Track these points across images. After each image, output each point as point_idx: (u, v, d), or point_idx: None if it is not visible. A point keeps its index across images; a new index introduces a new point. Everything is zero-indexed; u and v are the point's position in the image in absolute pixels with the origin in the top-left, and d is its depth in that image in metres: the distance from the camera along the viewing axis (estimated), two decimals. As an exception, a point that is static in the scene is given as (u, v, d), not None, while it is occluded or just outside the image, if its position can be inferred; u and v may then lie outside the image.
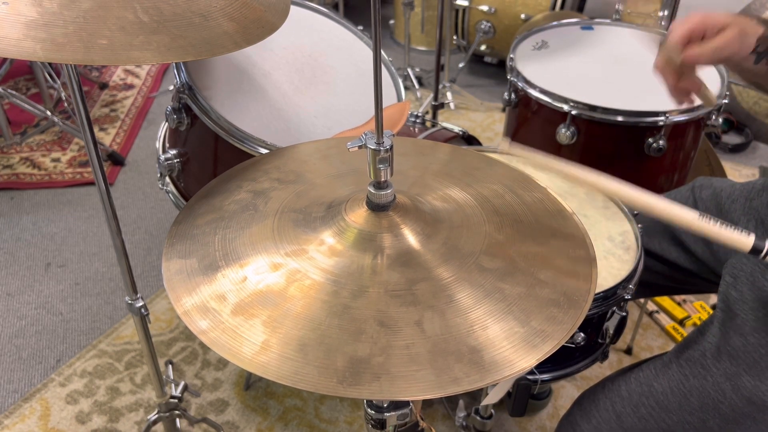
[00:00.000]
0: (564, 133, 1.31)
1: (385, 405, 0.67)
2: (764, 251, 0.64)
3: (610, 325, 1.00)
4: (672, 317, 1.64)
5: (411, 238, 0.65)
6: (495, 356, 0.54)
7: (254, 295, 0.60)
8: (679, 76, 0.88)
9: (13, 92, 2.10)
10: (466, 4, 2.60)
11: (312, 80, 1.17)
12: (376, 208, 0.66)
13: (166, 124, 1.19)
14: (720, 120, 1.35)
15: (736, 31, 0.84)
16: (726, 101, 1.33)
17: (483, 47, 2.73)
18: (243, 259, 0.64)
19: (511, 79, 1.42)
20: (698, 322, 1.63)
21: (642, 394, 0.87)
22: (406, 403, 0.68)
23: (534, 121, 1.42)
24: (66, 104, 2.40)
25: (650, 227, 1.09)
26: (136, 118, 2.48)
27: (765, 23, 0.87)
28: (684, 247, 1.05)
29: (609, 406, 0.90)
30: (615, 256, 0.99)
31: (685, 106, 0.92)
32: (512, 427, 1.38)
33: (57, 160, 2.23)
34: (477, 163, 0.82)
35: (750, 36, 0.85)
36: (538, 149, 1.23)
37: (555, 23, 1.61)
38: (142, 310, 1.05)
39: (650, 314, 1.65)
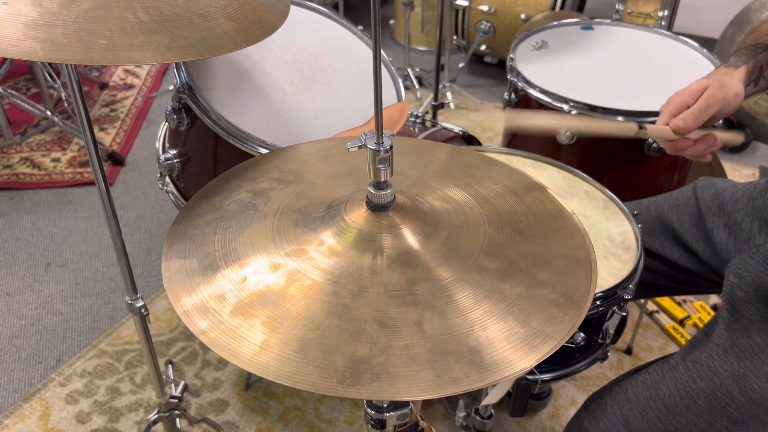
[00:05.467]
0: (564, 134, 1.31)
1: (385, 405, 0.67)
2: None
3: (610, 325, 1.00)
4: (672, 317, 1.64)
5: (411, 238, 0.65)
6: (495, 356, 0.54)
7: (254, 296, 0.60)
8: (686, 144, 0.95)
9: (13, 92, 2.10)
10: (466, 4, 2.60)
11: (312, 80, 1.17)
12: (376, 208, 0.66)
13: (166, 124, 1.19)
14: (720, 120, 1.35)
15: (715, 87, 0.92)
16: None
17: (483, 47, 2.73)
18: (243, 259, 0.64)
19: (511, 79, 1.42)
20: (698, 322, 1.63)
21: (649, 397, 0.87)
22: (406, 403, 0.68)
23: (534, 121, 1.42)
24: (66, 104, 2.40)
25: (651, 227, 1.09)
26: (136, 118, 2.48)
27: (740, 58, 0.93)
28: (685, 246, 1.05)
29: (617, 409, 0.90)
30: (615, 256, 0.99)
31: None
32: (512, 427, 1.38)
33: (57, 160, 2.23)
34: (477, 163, 0.82)
35: (732, 83, 0.90)
36: (538, 150, 1.24)
37: (555, 23, 1.61)
38: (142, 310, 1.05)
39: (650, 314, 1.65)
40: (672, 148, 0.97)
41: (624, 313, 0.97)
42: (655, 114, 1.25)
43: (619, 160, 1.36)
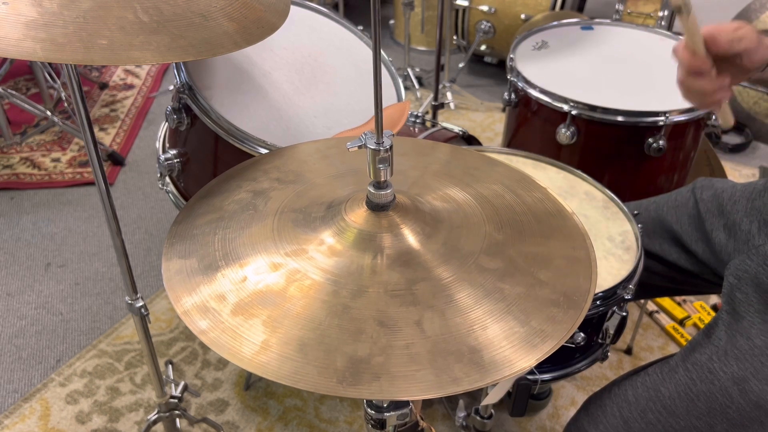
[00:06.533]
0: (564, 133, 1.32)
1: (385, 405, 0.67)
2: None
3: (610, 325, 1.00)
4: (672, 317, 1.64)
5: (411, 238, 0.65)
6: (495, 356, 0.54)
7: (254, 295, 0.60)
8: (698, 65, 0.84)
9: (13, 92, 2.10)
10: (466, 4, 2.60)
11: (312, 80, 1.17)
12: (376, 208, 0.66)
13: (166, 124, 1.19)
14: (720, 120, 1.35)
15: (752, 28, 0.84)
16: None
17: (483, 47, 2.73)
18: (243, 259, 0.64)
19: (511, 79, 1.42)
20: (698, 322, 1.63)
21: (649, 399, 0.86)
22: (406, 403, 0.68)
23: (534, 121, 1.42)
24: (66, 104, 2.40)
25: (650, 228, 1.09)
26: (136, 118, 2.48)
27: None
28: (684, 247, 1.04)
29: (616, 411, 0.89)
30: (615, 256, 0.99)
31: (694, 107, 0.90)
32: (512, 427, 1.38)
33: (57, 160, 2.23)
34: (477, 163, 0.82)
35: (764, 38, 0.85)
36: (538, 150, 1.24)
37: (555, 23, 1.61)
38: (142, 310, 1.05)
39: (650, 314, 1.65)
40: (689, 67, 0.85)
41: (624, 313, 0.97)
42: (656, 114, 1.26)
43: (619, 160, 1.36)
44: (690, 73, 0.84)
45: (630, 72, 1.43)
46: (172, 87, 1.11)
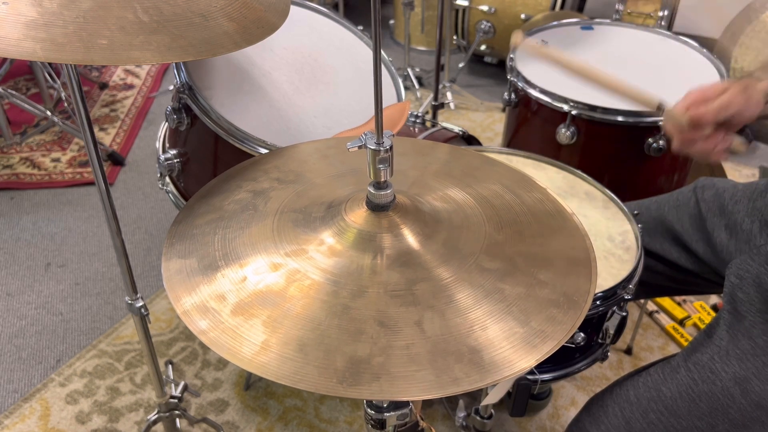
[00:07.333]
0: (564, 133, 1.32)
1: (385, 405, 0.67)
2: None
3: (610, 325, 1.00)
4: (672, 317, 1.64)
5: (411, 238, 0.65)
6: (495, 356, 0.54)
7: (254, 295, 0.60)
8: (697, 139, 0.91)
9: (13, 92, 2.10)
10: (466, 4, 2.60)
11: (312, 80, 1.17)
12: (376, 208, 0.66)
13: (166, 124, 1.19)
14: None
15: (738, 89, 0.88)
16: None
17: (483, 47, 2.73)
18: (243, 259, 0.64)
19: (511, 79, 1.42)
20: (698, 322, 1.63)
21: (651, 399, 0.86)
22: (406, 403, 0.68)
23: (534, 121, 1.42)
24: (66, 104, 2.40)
25: (651, 227, 1.09)
26: (136, 118, 2.48)
27: (765, 72, 0.90)
28: (685, 247, 1.05)
29: (618, 411, 0.89)
30: (615, 256, 0.99)
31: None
32: (512, 427, 1.38)
33: (57, 160, 2.23)
34: (477, 163, 0.82)
35: (754, 90, 0.88)
36: (538, 150, 1.24)
37: (555, 23, 1.61)
38: (142, 310, 1.05)
39: (650, 314, 1.65)
40: (681, 141, 0.92)
41: (624, 313, 0.97)
42: (656, 114, 1.26)
43: (619, 160, 1.36)
44: (683, 145, 0.92)
45: (630, 72, 1.43)
46: (172, 87, 1.11)
